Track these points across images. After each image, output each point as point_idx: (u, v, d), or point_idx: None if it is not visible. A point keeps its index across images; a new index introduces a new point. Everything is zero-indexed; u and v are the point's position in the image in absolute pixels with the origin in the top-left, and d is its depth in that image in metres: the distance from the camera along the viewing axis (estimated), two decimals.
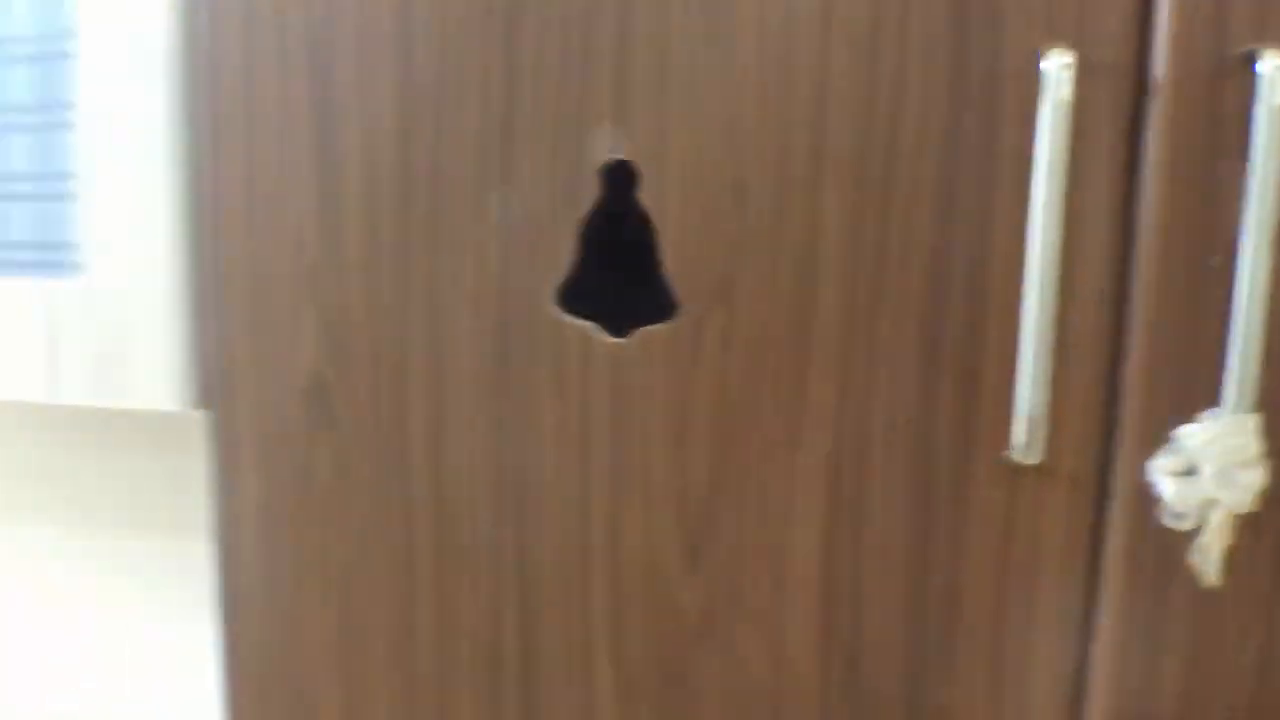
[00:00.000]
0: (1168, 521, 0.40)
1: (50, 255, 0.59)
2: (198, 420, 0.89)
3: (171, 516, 0.95)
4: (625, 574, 0.47)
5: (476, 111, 0.46)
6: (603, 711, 0.48)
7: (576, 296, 0.47)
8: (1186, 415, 0.40)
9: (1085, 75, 0.38)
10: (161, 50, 0.52)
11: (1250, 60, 0.38)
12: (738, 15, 0.42)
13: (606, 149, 0.44)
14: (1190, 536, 0.40)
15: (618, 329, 0.46)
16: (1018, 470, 0.42)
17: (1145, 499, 0.41)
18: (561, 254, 0.46)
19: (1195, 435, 0.40)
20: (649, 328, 0.45)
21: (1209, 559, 0.40)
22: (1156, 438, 0.40)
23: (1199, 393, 0.40)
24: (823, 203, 0.42)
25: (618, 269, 0.51)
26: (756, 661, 0.45)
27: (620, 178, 0.45)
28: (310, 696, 0.53)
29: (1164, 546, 0.41)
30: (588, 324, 0.46)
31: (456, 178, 0.47)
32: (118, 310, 0.55)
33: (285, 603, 0.53)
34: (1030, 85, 0.39)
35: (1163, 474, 0.40)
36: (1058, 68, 0.38)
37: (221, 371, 0.52)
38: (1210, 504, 0.40)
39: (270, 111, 0.49)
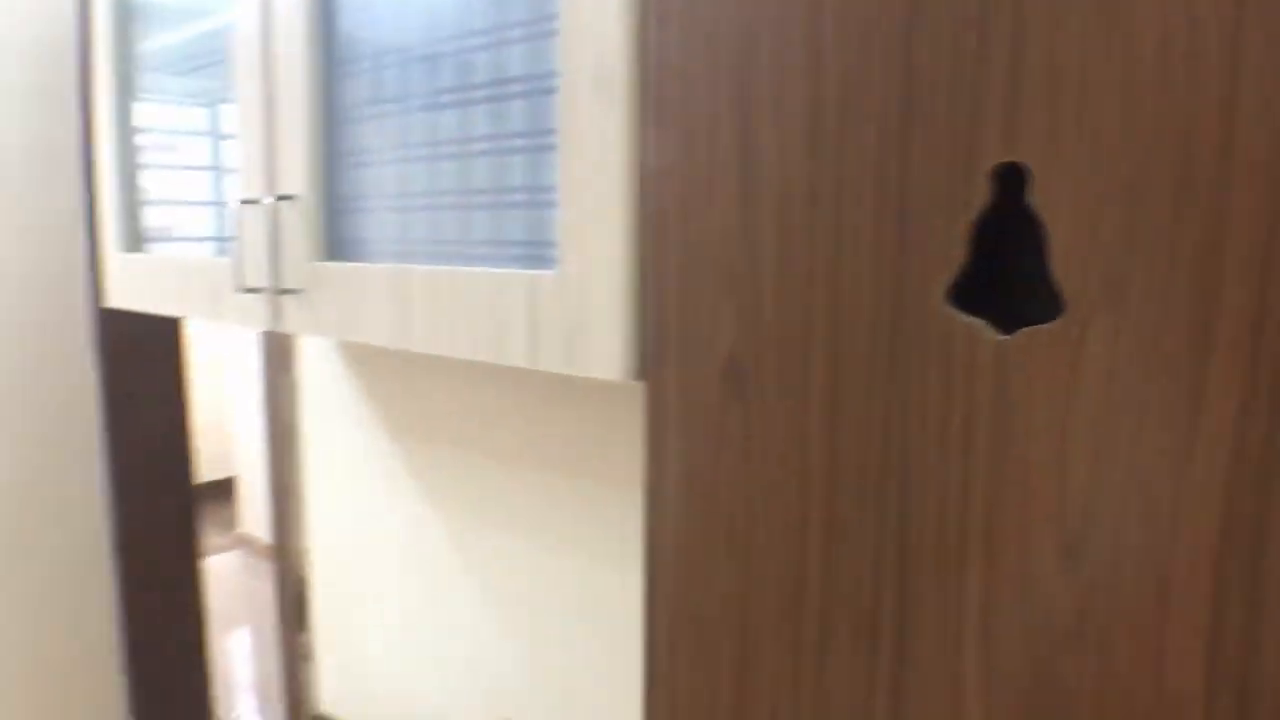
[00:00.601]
0: None
1: (536, 251, 0.73)
2: (638, 390, 1.02)
3: (613, 469, 1.09)
4: (999, 566, 0.48)
5: (876, 121, 0.49)
6: (969, 698, 0.49)
7: (966, 294, 0.49)
8: None
9: None
10: (619, 83, 0.63)
11: None
12: (1137, 12, 0.41)
13: (998, 151, 0.45)
14: None
15: (1004, 327, 0.47)
16: None
17: None
18: (953, 253, 0.48)
19: None
20: (1035, 327, 0.45)
21: None
22: None
23: None
24: (1230, 203, 0.39)
25: (1007, 269, 0.51)
26: (1133, 673, 0.44)
27: (1011, 180, 0.46)
28: (712, 639, 0.61)
29: None
30: (975, 321, 0.47)
31: (858, 184, 0.51)
32: (581, 297, 0.67)
33: (695, 555, 0.61)
34: None
35: None
36: None
37: (655, 350, 0.62)
38: None
39: (701, 132, 0.56)
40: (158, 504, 2.36)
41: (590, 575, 1.14)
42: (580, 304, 0.67)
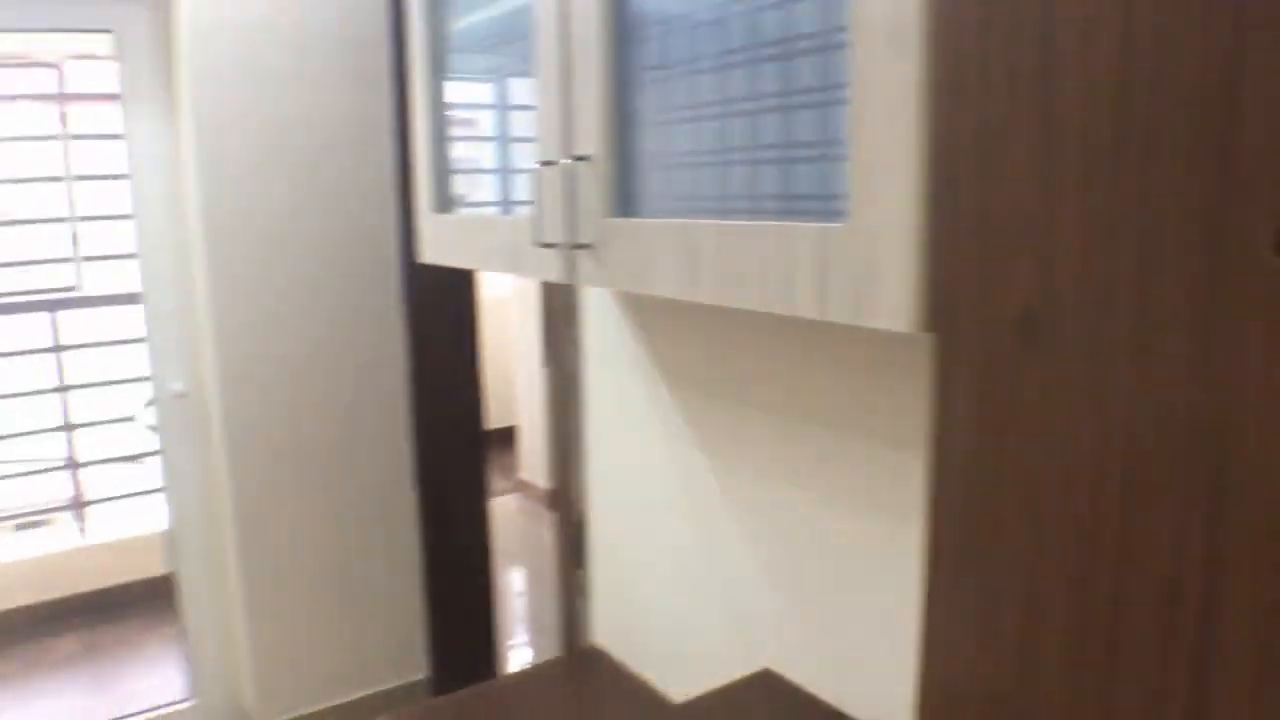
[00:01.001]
0: None
1: (825, 204, 0.74)
2: (924, 342, 1.01)
3: (885, 426, 1.09)
4: None
5: (1199, 48, 0.46)
6: None
7: None
8: None
9: None
10: (913, 34, 0.62)
11: None
12: None
13: None
14: None
15: None
16: None
17: None
18: None
19: None
20: None
21: None
22: None
23: None
24: None
25: None
26: None
27: None
28: (997, 595, 0.60)
29: None
30: None
31: (1174, 122, 0.48)
32: (871, 248, 0.67)
33: (982, 513, 0.60)
34: None
35: None
36: None
37: (946, 301, 0.61)
38: None
39: (1000, 80, 0.55)
40: (453, 442, 2.60)
41: (857, 531, 1.14)
42: (870, 255, 0.67)
